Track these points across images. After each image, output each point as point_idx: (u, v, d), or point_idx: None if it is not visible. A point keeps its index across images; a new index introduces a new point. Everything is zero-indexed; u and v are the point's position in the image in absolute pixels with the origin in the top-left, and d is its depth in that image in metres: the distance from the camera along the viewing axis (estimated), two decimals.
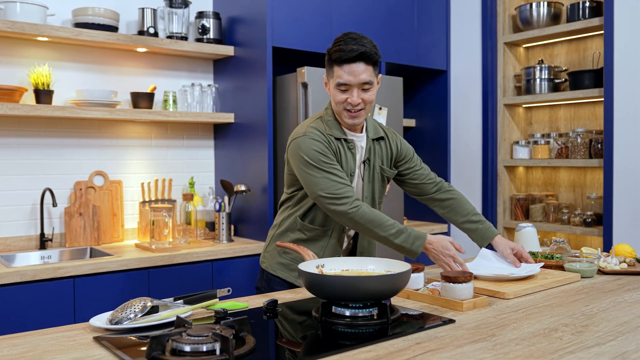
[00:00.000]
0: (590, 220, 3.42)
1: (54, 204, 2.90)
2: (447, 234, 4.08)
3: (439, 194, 2.17)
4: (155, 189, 3.37)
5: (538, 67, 3.72)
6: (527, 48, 4.00)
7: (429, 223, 4.13)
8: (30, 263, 2.89)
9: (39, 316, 2.52)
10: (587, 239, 3.57)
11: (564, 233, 3.64)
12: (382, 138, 2.08)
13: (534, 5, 3.69)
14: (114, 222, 3.24)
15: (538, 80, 3.72)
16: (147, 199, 3.34)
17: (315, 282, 1.48)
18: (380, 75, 1.98)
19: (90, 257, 3.06)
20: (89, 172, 3.20)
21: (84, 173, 3.18)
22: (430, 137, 4.20)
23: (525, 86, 3.79)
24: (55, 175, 3.11)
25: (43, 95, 2.91)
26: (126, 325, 1.43)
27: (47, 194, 3.04)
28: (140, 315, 1.47)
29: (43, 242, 2.99)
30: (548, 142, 3.73)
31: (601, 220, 3.39)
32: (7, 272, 2.45)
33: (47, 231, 3.07)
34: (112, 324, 1.44)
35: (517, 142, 3.85)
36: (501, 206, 3.88)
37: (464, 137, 4.11)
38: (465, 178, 4.11)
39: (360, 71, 1.86)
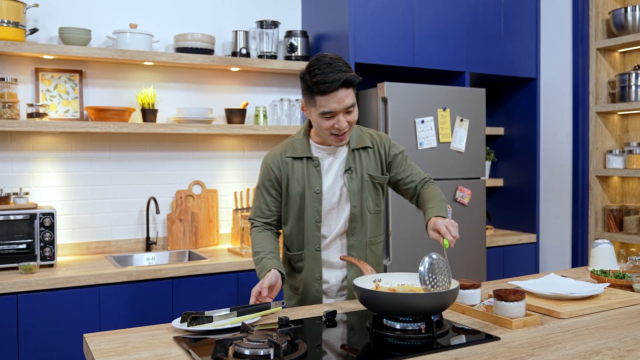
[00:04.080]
0: None
1: (157, 211, 3.25)
2: (536, 244, 4.01)
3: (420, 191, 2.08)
4: (247, 198, 3.64)
5: (634, 74, 3.57)
6: (622, 53, 3.85)
7: (516, 232, 4.09)
8: (137, 264, 3.24)
9: (141, 313, 2.84)
10: None
11: None
12: (367, 147, 2.05)
13: (629, 9, 3.55)
14: (210, 228, 3.54)
15: (634, 87, 3.57)
16: (239, 207, 3.61)
17: (366, 297, 1.62)
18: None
19: (189, 259, 3.37)
20: (189, 182, 3.52)
21: (184, 183, 3.51)
22: (519, 146, 4.15)
23: (620, 93, 3.65)
24: (159, 185, 3.45)
25: (149, 114, 3.25)
26: (199, 327, 1.64)
27: (152, 201, 3.39)
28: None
29: (148, 245, 3.35)
30: None
31: None
32: (116, 272, 2.79)
33: (151, 235, 3.42)
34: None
35: (610, 151, 3.72)
36: (592, 217, 3.76)
37: (554, 145, 4.02)
38: (554, 187, 4.03)
39: (344, 97, 1.84)
